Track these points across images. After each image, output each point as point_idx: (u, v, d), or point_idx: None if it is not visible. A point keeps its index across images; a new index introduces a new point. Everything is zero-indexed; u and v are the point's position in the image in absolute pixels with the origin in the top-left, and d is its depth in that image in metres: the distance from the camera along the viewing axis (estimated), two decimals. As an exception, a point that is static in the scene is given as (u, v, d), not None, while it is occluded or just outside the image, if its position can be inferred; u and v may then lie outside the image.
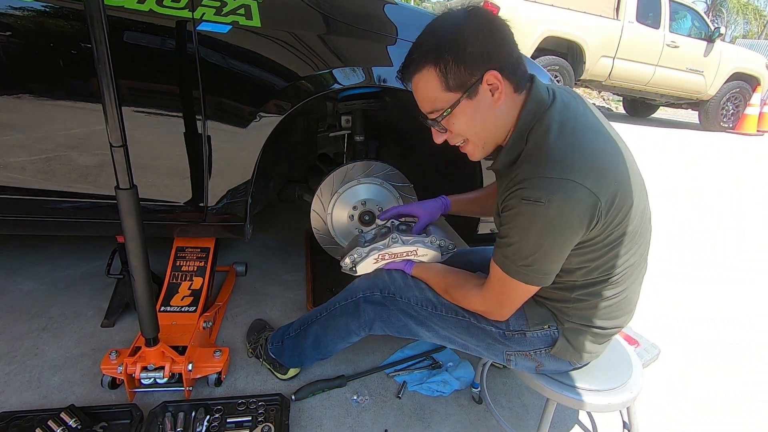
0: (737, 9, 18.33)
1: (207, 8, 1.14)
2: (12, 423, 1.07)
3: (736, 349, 1.66)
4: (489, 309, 0.95)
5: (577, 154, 0.77)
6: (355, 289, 1.10)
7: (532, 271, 0.82)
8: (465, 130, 0.86)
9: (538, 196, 0.75)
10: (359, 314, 1.08)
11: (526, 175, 0.77)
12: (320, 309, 1.18)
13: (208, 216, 1.38)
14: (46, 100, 1.18)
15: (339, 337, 1.14)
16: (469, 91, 0.80)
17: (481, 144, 0.88)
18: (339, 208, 1.52)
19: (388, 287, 1.06)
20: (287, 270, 1.95)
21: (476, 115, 0.83)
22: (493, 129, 0.86)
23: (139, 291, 1.08)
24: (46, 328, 1.48)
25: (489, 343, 1.00)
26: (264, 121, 1.26)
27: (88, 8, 0.83)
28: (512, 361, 1.00)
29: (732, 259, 2.47)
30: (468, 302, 0.98)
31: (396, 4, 1.38)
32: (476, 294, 0.95)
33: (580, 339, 0.94)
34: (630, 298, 0.94)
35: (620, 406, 0.97)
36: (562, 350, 0.95)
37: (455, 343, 1.04)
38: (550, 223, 0.76)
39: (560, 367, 0.99)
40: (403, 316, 1.04)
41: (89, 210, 1.34)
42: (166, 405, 1.13)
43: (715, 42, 6.33)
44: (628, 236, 0.84)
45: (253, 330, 1.48)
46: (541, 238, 0.78)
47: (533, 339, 0.97)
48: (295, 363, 1.30)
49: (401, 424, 1.21)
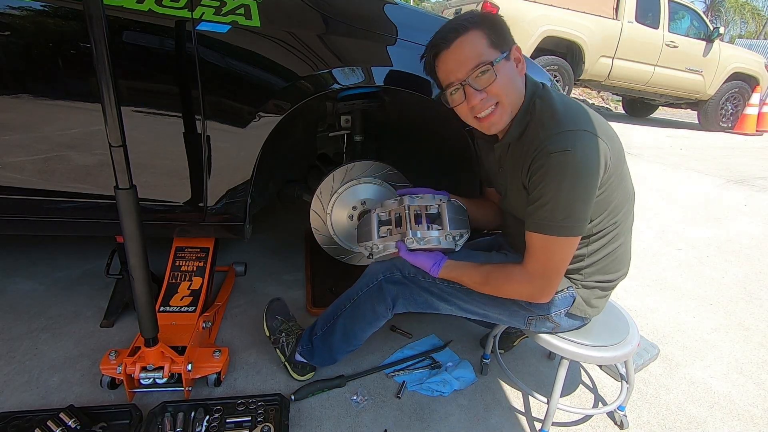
0: (735, 9, 18.36)
1: (206, 8, 1.14)
2: (11, 423, 1.07)
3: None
4: (535, 285, 0.98)
5: (582, 113, 0.93)
6: (374, 273, 1.15)
7: (573, 221, 0.90)
8: (501, 88, 0.94)
9: (564, 146, 0.87)
10: (384, 296, 1.13)
11: (546, 135, 0.90)
12: (342, 302, 1.21)
13: (207, 216, 1.38)
14: (45, 100, 1.18)
15: (367, 323, 1.19)
16: (505, 53, 0.94)
17: (508, 108, 0.97)
18: (338, 208, 1.52)
19: (408, 268, 1.11)
20: (287, 270, 1.95)
21: (510, 75, 0.95)
22: (517, 95, 0.97)
23: (138, 291, 1.08)
24: (45, 328, 1.48)
25: (513, 310, 1.09)
26: (263, 121, 1.26)
27: (88, 8, 0.83)
28: (533, 324, 1.11)
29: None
30: (511, 286, 1.02)
31: (396, 4, 1.38)
32: (520, 272, 0.99)
33: (593, 295, 1.09)
34: (626, 248, 1.09)
35: (623, 358, 1.13)
36: (578, 308, 1.09)
37: (476, 313, 1.13)
38: (578, 167, 0.87)
39: (573, 324, 1.12)
40: (425, 293, 1.11)
41: (89, 210, 1.34)
42: (165, 405, 1.13)
43: (714, 42, 6.34)
44: (623, 185, 1.00)
45: (276, 312, 1.39)
46: (574, 184, 0.88)
47: (556, 302, 1.06)
48: (327, 361, 1.30)
49: (401, 424, 1.21)
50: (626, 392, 1.24)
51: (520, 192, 1.01)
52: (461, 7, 5.50)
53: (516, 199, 1.05)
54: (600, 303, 1.12)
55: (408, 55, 1.31)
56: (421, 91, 1.33)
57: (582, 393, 1.41)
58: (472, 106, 0.96)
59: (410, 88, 1.33)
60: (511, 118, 0.99)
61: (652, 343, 1.60)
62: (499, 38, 0.94)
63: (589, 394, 1.41)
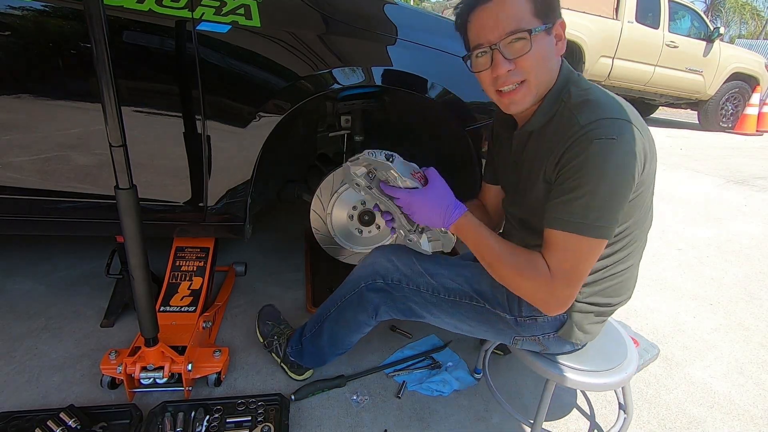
0: (735, 9, 18.37)
1: (206, 8, 1.14)
2: (11, 423, 1.07)
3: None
4: (555, 288, 0.84)
5: (624, 105, 0.84)
6: (356, 280, 1.11)
7: (606, 221, 0.79)
8: (532, 64, 0.83)
9: (609, 133, 0.77)
10: (365, 304, 1.09)
11: (587, 120, 0.79)
12: (329, 305, 1.18)
13: (207, 216, 1.38)
14: (45, 100, 1.18)
15: (351, 330, 1.16)
16: (548, 26, 0.83)
17: (534, 88, 0.86)
18: (338, 208, 1.52)
19: (392, 275, 1.06)
20: (287, 270, 1.95)
21: (546, 52, 0.84)
22: (548, 77, 0.87)
23: (138, 291, 1.08)
24: (45, 328, 1.48)
25: (500, 328, 1.02)
26: (263, 121, 1.26)
27: (88, 8, 0.83)
28: (519, 344, 1.04)
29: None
30: (529, 278, 0.85)
31: (396, 4, 1.38)
32: (544, 267, 0.84)
33: (586, 319, 0.98)
34: (634, 272, 0.99)
35: (616, 386, 1.03)
36: (568, 332, 0.99)
37: (461, 328, 1.06)
38: (623, 159, 0.77)
39: (563, 348, 1.03)
40: (407, 301, 1.05)
41: (89, 210, 1.34)
42: (165, 405, 1.13)
43: (715, 42, 6.34)
44: (648, 200, 0.90)
45: (267, 318, 1.43)
46: (615, 176, 0.77)
47: (543, 324, 0.99)
48: (317, 363, 1.30)
49: (401, 424, 1.21)
50: (624, 423, 1.13)
51: (538, 187, 0.90)
52: (461, 7, 5.50)
53: (532, 197, 0.93)
54: (594, 329, 1.01)
55: (408, 55, 1.31)
56: (421, 91, 1.33)
57: (575, 418, 1.28)
58: (496, 76, 0.86)
59: (410, 89, 1.33)
60: (534, 102, 0.88)
61: (652, 343, 1.60)
62: (545, 7, 0.83)
63: (584, 420, 1.28)
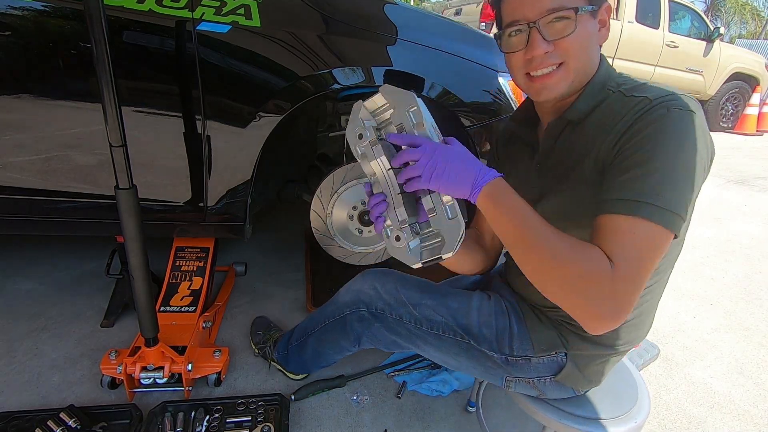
0: (735, 9, 18.37)
1: (206, 8, 1.14)
2: (11, 423, 1.07)
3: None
4: (617, 291, 0.60)
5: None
6: (341, 306, 1.06)
7: (679, 209, 0.61)
8: (573, 46, 0.71)
9: (687, 105, 0.64)
10: (347, 331, 1.05)
11: (659, 94, 0.66)
12: (314, 322, 1.15)
13: (207, 216, 1.38)
14: (46, 100, 1.18)
15: (335, 351, 1.14)
16: (594, 7, 0.72)
17: (573, 73, 0.74)
18: (338, 208, 1.52)
19: (376, 303, 0.99)
20: (287, 270, 1.95)
21: (589, 36, 0.73)
22: (588, 64, 0.75)
23: (138, 291, 1.08)
24: (45, 328, 1.48)
25: (488, 366, 0.92)
26: (263, 121, 1.26)
27: (88, 8, 0.83)
28: (512, 386, 0.92)
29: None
30: (578, 275, 0.61)
31: (396, 4, 1.38)
32: (604, 260, 0.61)
33: (590, 363, 0.86)
34: (654, 305, 0.85)
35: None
36: (568, 377, 0.87)
37: (448, 362, 0.98)
38: (702, 136, 0.64)
39: (562, 393, 0.90)
40: (390, 333, 0.98)
41: (89, 210, 1.34)
42: (165, 405, 1.13)
43: (715, 42, 6.34)
44: (690, 218, 0.70)
45: (257, 328, 1.47)
46: (693, 154, 0.62)
47: (538, 366, 0.88)
48: (301, 371, 1.31)
49: (401, 424, 1.21)
50: None
51: (580, 181, 0.74)
52: (461, 7, 5.51)
53: (565, 197, 0.77)
54: (600, 374, 0.88)
55: (408, 55, 1.31)
56: (421, 92, 1.33)
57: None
58: (530, 58, 0.73)
59: (410, 89, 1.33)
60: (569, 92, 0.76)
61: (652, 343, 1.60)
62: None
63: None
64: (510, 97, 1.48)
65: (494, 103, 1.47)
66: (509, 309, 0.93)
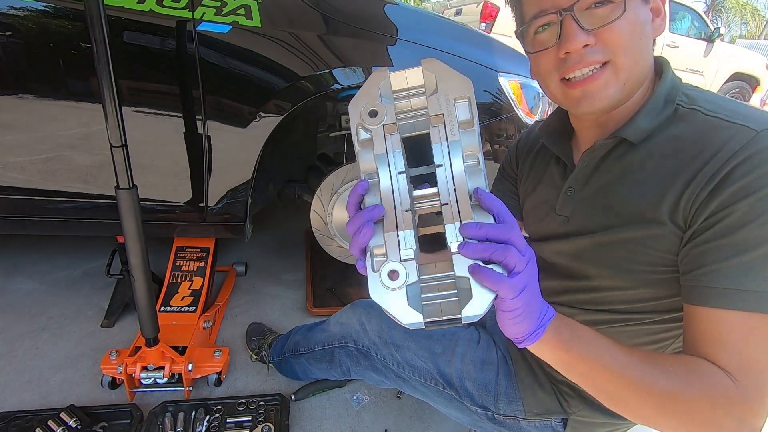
0: (736, 9, 18.38)
1: (207, 8, 1.14)
2: (12, 423, 1.07)
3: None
4: (750, 411, 0.46)
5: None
6: (330, 337, 1.04)
7: None
8: (621, 37, 0.54)
9: None
10: (335, 363, 1.03)
11: (764, 121, 0.50)
12: (306, 343, 1.14)
13: (208, 216, 1.38)
14: (46, 100, 1.18)
15: (325, 374, 1.11)
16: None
17: (623, 74, 0.56)
18: (339, 208, 1.52)
19: (362, 341, 0.94)
20: (287, 270, 1.95)
21: (641, 24, 0.56)
22: (641, 63, 0.57)
23: (139, 291, 1.08)
24: (46, 328, 1.48)
25: (475, 419, 0.83)
26: (264, 121, 1.26)
27: (88, 8, 0.83)
28: None
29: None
30: (695, 410, 0.47)
31: (396, 4, 1.39)
32: (726, 380, 0.47)
33: (598, 430, 0.75)
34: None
35: None
36: None
37: (439, 409, 0.91)
38: None
39: None
40: (376, 373, 0.94)
41: (90, 210, 1.34)
42: (166, 405, 1.13)
43: (715, 42, 6.34)
44: None
45: (252, 335, 1.45)
46: None
47: (529, 429, 0.78)
48: (295, 379, 1.30)
49: (401, 424, 1.21)
50: None
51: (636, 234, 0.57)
52: (461, 7, 5.50)
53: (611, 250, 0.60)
54: None
55: (409, 55, 1.31)
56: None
57: None
58: (565, 55, 0.56)
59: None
60: (620, 99, 0.58)
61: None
62: None
63: None
64: (510, 97, 1.48)
65: (494, 103, 1.47)
66: (499, 360, 0.82)
